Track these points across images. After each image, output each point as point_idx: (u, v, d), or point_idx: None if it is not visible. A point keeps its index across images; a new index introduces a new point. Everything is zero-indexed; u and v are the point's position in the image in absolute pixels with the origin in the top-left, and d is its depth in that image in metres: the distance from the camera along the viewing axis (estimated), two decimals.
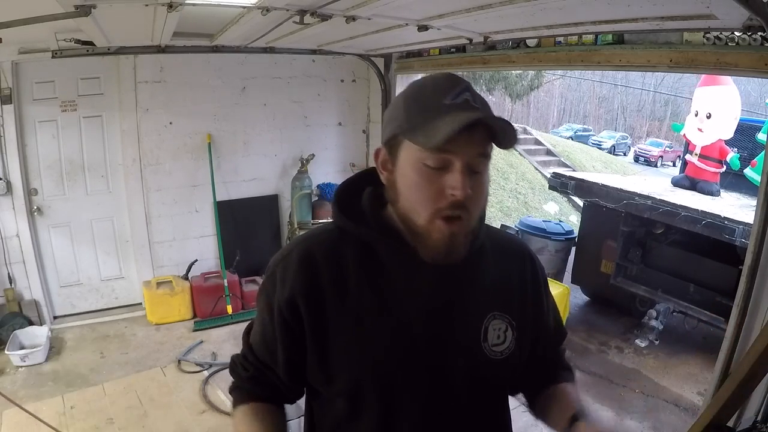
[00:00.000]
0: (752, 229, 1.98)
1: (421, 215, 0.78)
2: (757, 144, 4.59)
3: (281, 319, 0.85)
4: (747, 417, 1.89)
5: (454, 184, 0.75)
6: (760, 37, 1.90)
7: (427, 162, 0.76)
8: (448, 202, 0.76)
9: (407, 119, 0.78)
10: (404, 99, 0.81)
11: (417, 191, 0.78)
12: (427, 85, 0.81)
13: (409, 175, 0.78)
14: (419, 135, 0.75)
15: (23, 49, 3.29)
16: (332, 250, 0.86)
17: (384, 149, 0.83)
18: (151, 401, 2.95)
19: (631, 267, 4.10)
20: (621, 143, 21.87)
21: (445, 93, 0.77)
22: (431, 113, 0.76)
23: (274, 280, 0.87)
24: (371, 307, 0.83)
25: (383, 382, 0.83)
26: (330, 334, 0.83)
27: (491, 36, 2.86)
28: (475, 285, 0.88)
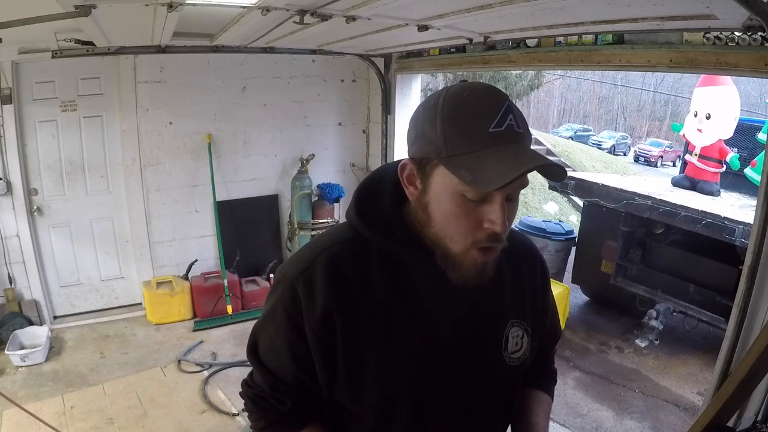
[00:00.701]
0: (752, 229, 1.98)
1: (457, 244, 0.74)
2: (757, 144, 4.59)
3: (316, 339, 0.79)
4: (747, 417, 1.89)
5: (495, 219, 0.71)
6: (760, 37, 1.90)
7: (466, 194, 0.71)
8: (486, 235, 0.73)
9: (446, 145, 0.70)
10: (441, 117, 0.71)
11: (454, 221, 0.73)
12: (468, 104, 0.71)
13: (445, 203, 0.73)
14: (463, 170, 0.69)
15: (23, 49, 3.29)
16: (357, 259, 0.81)
17: (413, 165, 0.76)
18: (151, 401, 2.95)
19: (631, 267, 4.09)
20: (621, 143, 21.88)
21: (489, 117, 0.69)
22: (475, 144, 0.69)
23: (296, 296, 0.79)
24: (401, 322, 0.80)
25: (414, 397, 0.82)
26: (362, 350, 0.79)
27: (491, 36, 2.86)
28: (497, 293, 0.87)
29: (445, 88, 0.74)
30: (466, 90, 0.73)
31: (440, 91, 0.75)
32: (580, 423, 3.04)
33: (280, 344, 0.82)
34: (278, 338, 0.82)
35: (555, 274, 4.75)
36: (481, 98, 0.71)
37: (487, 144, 0.69)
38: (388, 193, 0.83)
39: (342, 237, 0.84)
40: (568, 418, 3.07)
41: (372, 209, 0.83)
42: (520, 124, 0.72)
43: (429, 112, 0.73)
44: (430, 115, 0.73)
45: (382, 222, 0.81)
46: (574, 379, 3.52)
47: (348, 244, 0.82)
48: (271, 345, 0.84)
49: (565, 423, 3.02)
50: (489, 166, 0.67)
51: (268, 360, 0.85)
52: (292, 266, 0.83)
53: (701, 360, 3.76)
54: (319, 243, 0.85)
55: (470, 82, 0.76)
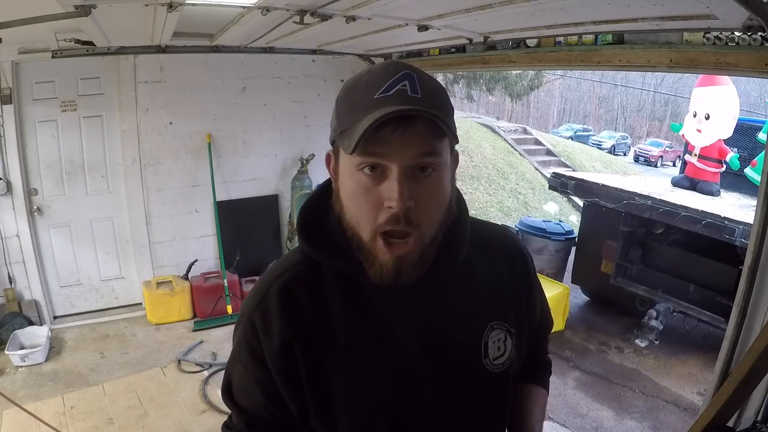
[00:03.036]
0: (752, 229, 1.98)
1: (364, 230, 0.69)
2: (757, 144, 4.58)
3: (278, 372, 0.74)
4: (747, 417, 1.89)
5: (390, 194, 0.65)
6: (760, 37, 1.90)
7: (363, 168, 0.66)
8: (387, 216, 0.66)
9: (338, 121, 0.69)
10: (339, 97, 0.71)
11: (357, 202, 0.69)
12: (362, 78, 0.69)
13: (347, 184, 0.70)
14: (345, 139, 0.66)
15: (23, 49, 3.29)
16: (311, 284, 0.76)
17: (331, 153, 0.75)
18: (151, 401, 2.94)
19: (631, 267, 4.09)
20: (621, 143, 21.88)
21: (378, 84, 0.66)
22: (360, 112, 0.65)
23: (255, 330, 0.75)
24: (364, 344, 0.75)
25: (392, 420, 0.77)
26: (327, 379, 0.75)
27: (491, 36, 2.86)
28: (470, 298, 0.80)
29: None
30: (368, 68, 0.71)
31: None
32: (580, 423, 3.04)
33: (249, 381, 0.78)
34: (246, 376, 0.78)
35: (555, 274, 4.75)
36: (377, 70, 0.68)
37: (368, 110, 0.64)
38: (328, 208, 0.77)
39: (294, 262, 0.79)
40: (568, 418, 3.07)
41: (317, 228, 0.78)
42: (419, 90, 0.65)
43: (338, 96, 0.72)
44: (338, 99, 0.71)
45: (328, 240, 0.76)
46: (574, 379, 3.52)
47: (299, 269, 0.78)
48: (242, 383, 0.80)
49: (565, 423, 3.02)
50: (361, 128, 0.63)
51: (242, 399, 0.80)
52: (250, 300, 0.79)
53: (701, 360, 3.76)
54: (272, 272, 0.80)
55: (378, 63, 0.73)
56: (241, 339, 0.78)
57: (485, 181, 8.80)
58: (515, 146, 10.50)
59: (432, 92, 0.67)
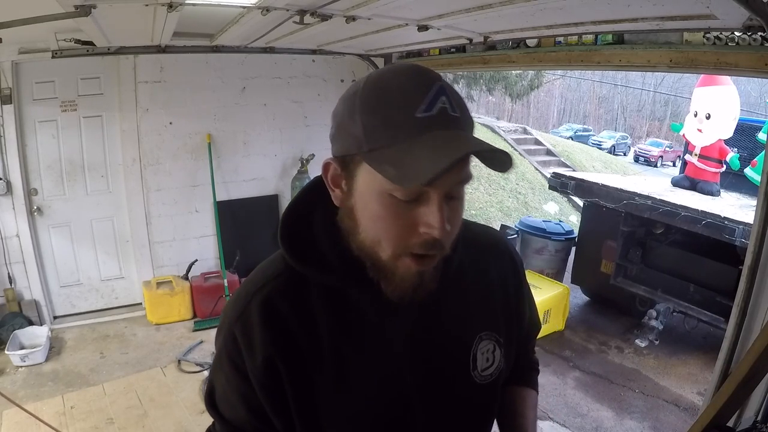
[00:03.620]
0: (752, 229, 1.98)
1: (385, 251, 0.64)
2: (757, 144, 4.58)
3: (262, 388, 0.71)
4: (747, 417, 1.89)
5: (432, 222, 0.61)
6: (760, 37, 1.90)
7: (395, 193, 0.60)
8: (421, 240, 0.62)
9: (366, 136, 0.60)
10: (360, 105, 0.61)
11: (382, 226, 0.63)
12: (390, 87, 0.61)
13: (371, 205, 0.63)
14: (386, 165, 0.58)
15: (23, 49, 3.29)
16: (294, 297, 0.72)
17: (336, 164, 0.67)
18: (151, 401, 2.95)
19: (631, 267, 4.09)
20: (621, 143, 21.89)
21: (416, 99, 0.59)
22: (400, 133, 0.59)
23: (236, 344, 0.71)
24: (352, 360, 0.72)
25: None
26: (314, 395, 0.71)
27: (491, 36, 2.86)
28: (460, 309, 0.77)
29: (366, 75, 0.65)
30: (389, 72, 0.63)
31: (361, 78, 0.65)
32: (580, 423, 3.04)
33: (231, 393, 0.74)
34: (228, 387, 0.74)
35: (555, 274, 4.75)
36: (406, 79, 0.61)
37: (413, 132, 0.58)
38: (319, 213, 0.73)
39: (275, 273, 0.74)
40: (568, 418, 3.07)
41: (301, 238, 0.73)
42: (456, 107, 0.61)
43: (348, 102, 0.64)
44: (349, 105, 0.63)
45: (313, 252, 0.72)
46: (574, 379, 3.52)
47: (281, 280, 0.73)
48: (224, 393, 0.75)
49: (565, 423, 3.02)
50: (416, 158, 0.57)
51: (225, 409, 0.76)
52: (230, 309, 0.74)
53: (701, 360, 3.76)
54: (252, 282, 0.75)
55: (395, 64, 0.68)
56: (222, 350, 0.74)
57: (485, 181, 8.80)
58: (515, 146, 10.50)
59: (464, 107, 0.63)
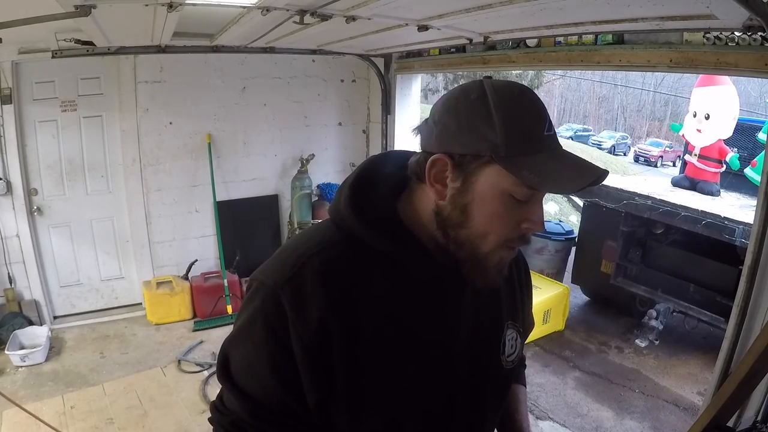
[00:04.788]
0: (752, 229, 1.98)
1: (489, 243, 0.71)
2: (757, 144, 4.58)
3: (308, 356, 0.68)
4: (747, 417, 1.89)
5: (537, 219, 0.71)
6: (760, 37, 1.90)
7: (515, 194, 0.69)
8: (521, 233, 0.72)
9: (506, 142, 0.66)
10: (499, 113, 0.67)
11: (498, 222, 0.70)
12: (523, 103, 0.69)
13: (491, 203, 0.70)
14: (525, 171, 0.66)
15: (23, 49, 3.29)
16: (355, 264, 0.72)
17: (448, 161, 0.70)
18: (151, 401, 2.95)
19: (631, 267, 4.09)
20: (621, 143, 21.90)
21: (542, 119, 0.69)
22: (534, 146, 0.68)
23: (280, 308, 0.68)
24: (409, 334, 0.73)
25: (425, 416, 0.77)
26: (366, 367, 0.71)
27: (491, 36, 2.86)
28: (494, 296, 0.84)
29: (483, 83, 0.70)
30: (513, 89, 0.70)
31: (478, 85, 0.70)
32: (580, 423, 3.04)
33: (260, 364, 0.70)
34: (257, 357, 0.70)
35: (555, 274, 4.75)
36: (530, 99, 0.70)
37: (542, 147, 0.69)
38: (383, 190, 0.77)
39: (332, 238, 0.74)
40: (568, 418, 3.07)
41: (369, 208, 0.74)
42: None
43: (477, 107, 0.68)
44: (480, 111, 0.67)
45: (382, 222, 0.73)
46: (574, 379, 3.52)
47: (341, 246, 0.73)
48: (249, 364, 0.72)
49: (565, 423, 3.02)
50: (555, 171, 0.68)
51: (246, 382, 0.72)
52: (273, 272, 0.72)
53: (701, 360, 3.76)
54: (303, 245, 0.74)
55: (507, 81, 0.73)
56: (257, 314, 0.70)
57: None
58: None
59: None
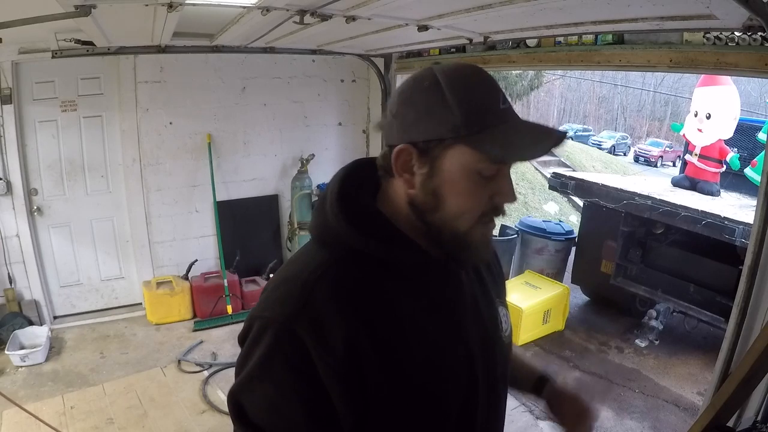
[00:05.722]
0: (752, 229, 1.98)
1: (466, 222, 0.72)
2: (757, 144, 4.58)
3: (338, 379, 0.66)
4: (747, 417, 1.89)
5: (507, 192, 0.73)
6: (760, 37, 1.90)
7: (482, 170, 0.70)
8: (494, 207, 0.73)
9: (464, 122, 0.68)
10: (453, 95, 0.68)
11: (468, 200, 0.72)
12: (474, 81, 0.71)
13: (460, 183, 0.70)
14: (488, 146, 0.68)
15: (23, 49, 3.29)
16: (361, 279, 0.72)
17: (413, 149, 0.71)
18: (151, 401, 2.95)
19: (631, 267, 4.09)
20: (621, 143, 21.87)
21: (495, 93, 0.71)
22: (492, 120, 0.69)
23: (297, 342, 0.66)
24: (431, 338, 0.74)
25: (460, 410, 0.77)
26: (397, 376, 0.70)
27: (491, 36, 2.86)
28: (488, 276, 0.88)
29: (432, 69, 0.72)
30: (463, 69, 0.72)
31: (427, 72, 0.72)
32: None
33: (286, 403, 0.67)
34: (281, 397, 0.67)
35: (555, 274, 4.74)
36: (480, 76, 0.72)
37: (501, 120, 0.70)
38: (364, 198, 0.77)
39: (330, 259, 0.72)
40: None
41: (364, 219, 0.74)
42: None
43: (431, 94, 0.70)
44: (436, 95, 0.69)
45: (380, 230, 0.73)
46: (574, 379, 3.52)
47: (342, 264, 0.72)
48: (271, 405, 0.68)
49: None
50: (515, 141, 0.70)
51: (270, 423, 0.68)
52: (280, 307, 0.69)
53: (701, 360, 3.76)
54: (303, 273, 0.71)
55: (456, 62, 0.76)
56: (272, 355, 0.67)
57: None
58: None
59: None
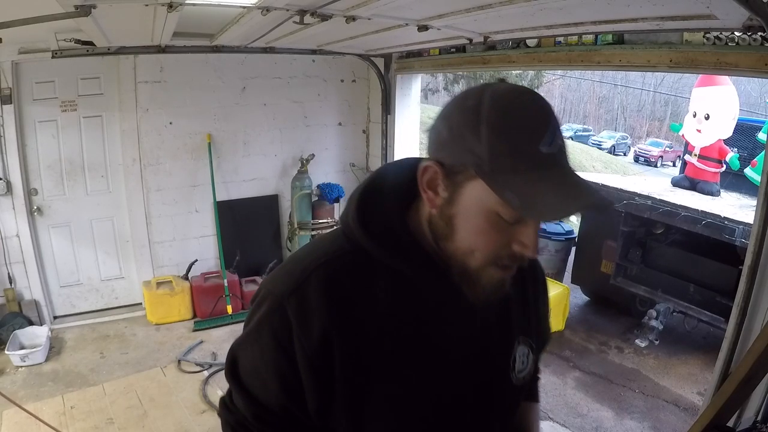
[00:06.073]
0: (752, 229, 1.98)
1: (476, 260, 0.68)
2: (757, 144, 4.58)
3: (310, 368, 0.69)
4: (747, 417, 1.89)
5: (529, 244, 0.66)
6: (760, 37, 1.90)
7: (502, 214, 0.64)
8: (511, 254, 0.68)
9: (491, 158, 0.62)
10: (487, 125, 0.62)
11: (482, 239, 0.67)
12: (518, 114, 0.63)
13: (475, 220, 0.66)
14: (508, 191, 0.61)
15: (23, 49, 3.29)
16: (359, 276, 0.71)
17: (439, 170, 0.67)
18: (151, 401, 2.95)
19: (631, 267, 4.09)
20: (621, 143, 21.89)
21: (540, 133, 0.62)
22: (524, 164, 0.62)
23: (285, 319, 0.69)
24: (411, 348, 0.72)
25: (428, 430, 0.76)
26: (367, 380, 0.70)
27: (491, 36, 2.86)
28: (505, 310, 0.81)
29: (485, 88, 0.65)
30: (515, 96, 0.65)
31: (479, 90, 0.66)
32: (580, 423, 3.04)
33: (265, 369, 0.73)
34: (263, 362, 0.73)
35: (555, 274, 4.74)
36: (532, 108, 0.64)
37: (536, 165, 0.62)
38: (392, 200, 0.74)
39: (338, 250, 0.73)
40: (568, 418, 3.07)
41: (376, 219, 0.73)
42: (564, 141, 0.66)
43: (469, 115, 0.64)
44: (471, 119, 0.63)
45: (388, 235, 0.72)
46: (574, 379, 3.52)
47: (347, 258, 0.72)
48: (254, 368, 0.74)
49: (565, 423, 3.02)
50: (541, 194, 0.61)
51: (251, 384, 0.74)
52: (280, 282, 0.73)
53: (701, 360, 3.76)
54: (311, 256, 0.74)
55: (514, 86, 0.67)
56: (263, 322, 0.72)
57: None
58: None
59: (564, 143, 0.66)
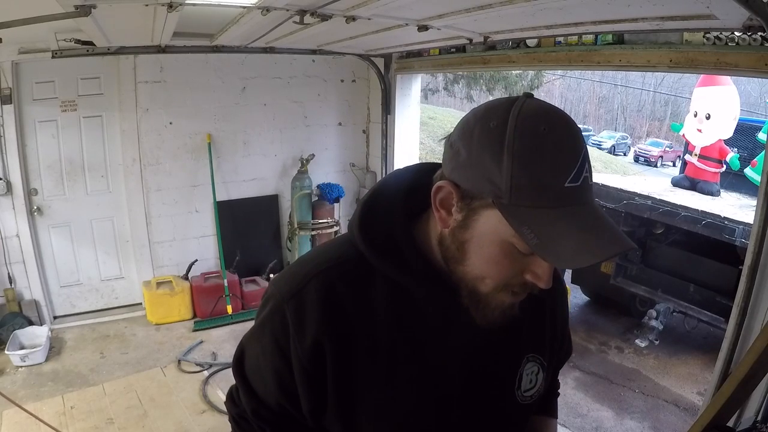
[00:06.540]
0: (752, 229, 1.98)
1: (487, 286, 0.66)
2: (757, 144, 4.58)
3: (303, 372, 0.71)
4: (747, 417, 1.89)
5: (542, 276, 0.64)
6: (760, 37, 1.90)
7: (517, 245, 0.62)
8: (524, 283, 0.66)
9: (511, 191, 0.58)
10: (511, 155, 0.57)
11: (495, 268, 0.65)
12: (545, 145, 0.58)
13: (489, 248, 0.64)
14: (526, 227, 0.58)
15: (23, 49, 3.29)
16: (358, 285, 0.71)
17: (454, 191, 0.63)
18: (151, 401, 2.95)
19: (631, 267, 4.09)
20: (621, 143, 21.88)
21: (567, 167, 0.58)
22: (546, 200, 0.58)
23: (284, 322, 0.70)
24: (404, 359, 0.72)
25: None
26: (357, 385, 0.71)
27: (491, 36, 2.86)
28: (514, 327, 0.77)
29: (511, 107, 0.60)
30: (542, 120, 0.59)
31: (504, 107, 0.60)
32: (580, 423, 3.04)
33: (264, 367, 0.75)
34: (263, 360, 0.75)
35: None
36: (561, 139, 0.59)
37: (558, 202, 0.58)
38: (399, 209, 0.73)
39: (341, 256, 0.73)
40: (568, 418, 3.07)
41: (379, 229, 0.72)
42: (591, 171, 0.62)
43: (491, 139, 0.59)
44: (493, 145, 0.59)
45: (390, 246, 0.71)
46: (574, 379, 3.52)
47: (347, 266, 0.72)
48: (257, 364, 0.77)
49: (565, 423, 3.02)
50: (560, 236, 0.58)
51: (253, 379, 0.78)
52: (284, 284, 0.73)
53: (701, 360, 3.76)
54: (315, 261, 0.74)
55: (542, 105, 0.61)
56: (266, 322, 0.74)
57: None
58: None
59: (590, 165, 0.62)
